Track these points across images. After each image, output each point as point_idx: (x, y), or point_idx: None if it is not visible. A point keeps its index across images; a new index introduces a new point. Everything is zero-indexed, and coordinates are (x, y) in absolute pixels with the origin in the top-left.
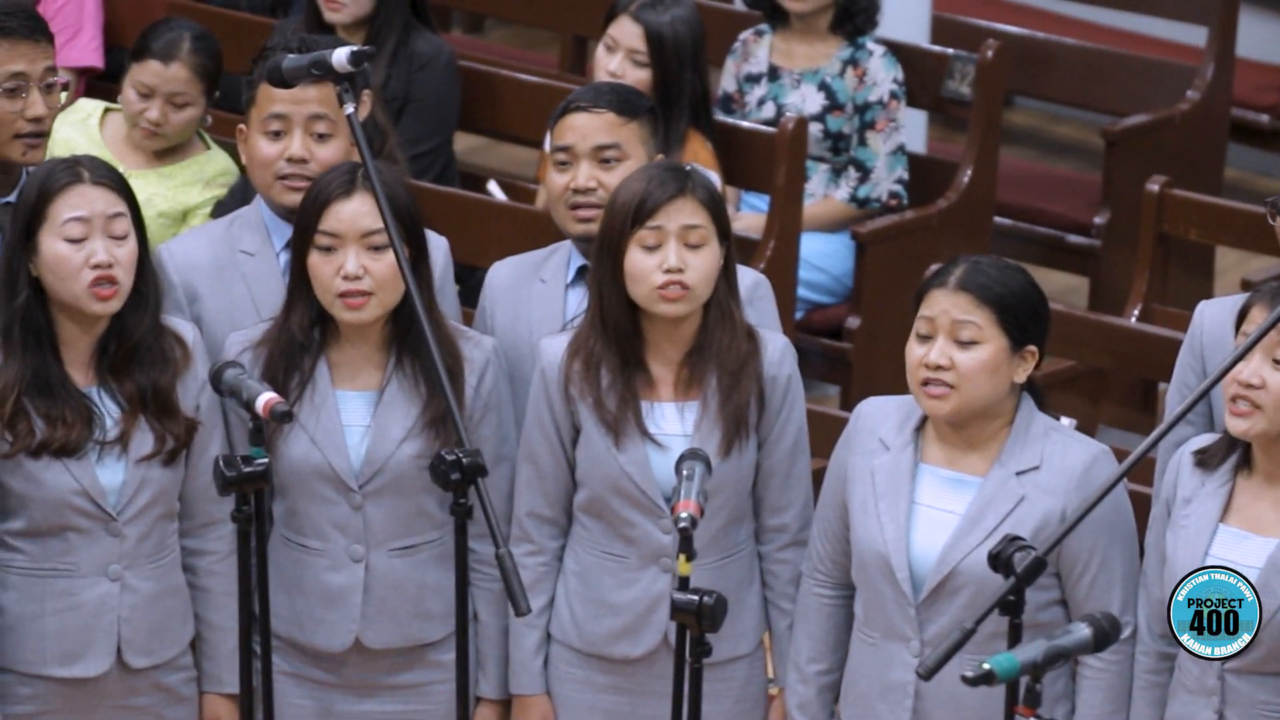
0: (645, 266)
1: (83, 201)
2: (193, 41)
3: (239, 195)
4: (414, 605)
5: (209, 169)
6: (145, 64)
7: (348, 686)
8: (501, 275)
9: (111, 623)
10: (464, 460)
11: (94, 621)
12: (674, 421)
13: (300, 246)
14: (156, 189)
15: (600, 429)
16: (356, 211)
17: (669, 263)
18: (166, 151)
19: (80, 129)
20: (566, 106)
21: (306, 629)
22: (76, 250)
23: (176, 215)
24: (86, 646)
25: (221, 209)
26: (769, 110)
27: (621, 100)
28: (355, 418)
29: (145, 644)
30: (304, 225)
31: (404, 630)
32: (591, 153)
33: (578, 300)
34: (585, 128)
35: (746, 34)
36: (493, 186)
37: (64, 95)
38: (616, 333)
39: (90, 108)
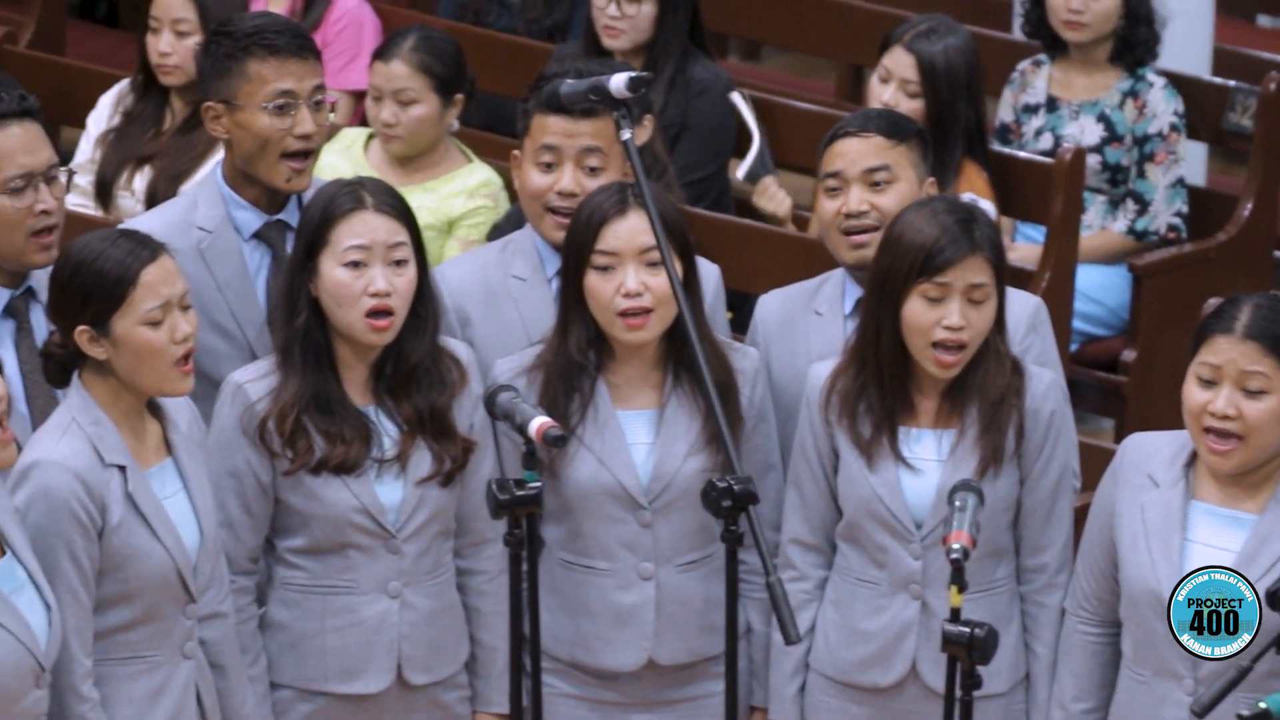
0: (926, 320)
1: (365, 229)
2: (416, 40)
3: (514, 220)
4: (700, 619)
5: (471, 180)
6: (373, 66)
7: (634, 704)
8: (772, 308)
9: (393, 640)
10: (735, 488)
11: (374, 639)
12: (930, 447)
13: (574, 268)
14: (421, 202)
15: (854, 451)
16: (633, 229)
17: (951, 320)
18: (428, 166)
19: (345, 156)
20: (835, 133)
21: (594, 650)
22: (356, 277)
23: (442, 227)
24: (367, 663)
25: (497, 232)
26: (1046, 141)
27: (889, 123)
28: (638, 436)
29: (425, 661)
30: (579, 246)
31: (690, 645)
32: (861, 176)
33: None
34: (854, 152)
35: (1024, 64)
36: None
37: (332, 115)
38: (884, 372)
39: (354, 135)
